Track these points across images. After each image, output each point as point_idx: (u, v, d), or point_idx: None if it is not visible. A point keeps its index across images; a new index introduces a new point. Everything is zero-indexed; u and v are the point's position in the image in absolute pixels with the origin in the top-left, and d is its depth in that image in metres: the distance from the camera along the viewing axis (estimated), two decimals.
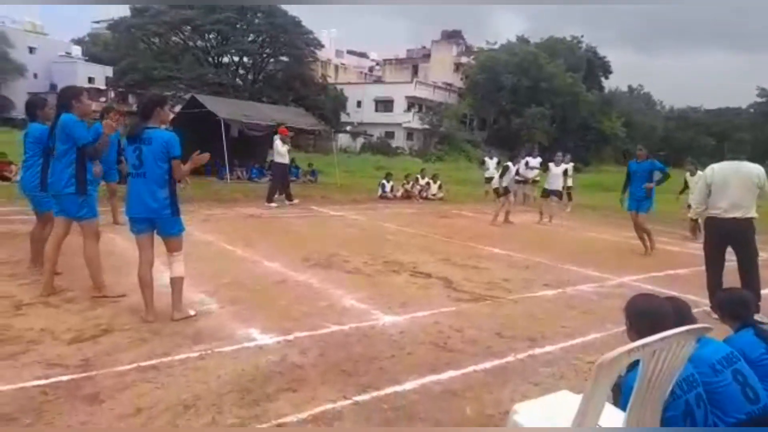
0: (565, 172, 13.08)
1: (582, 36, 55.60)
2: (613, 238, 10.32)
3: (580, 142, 43.67)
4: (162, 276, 4.74)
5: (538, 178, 16.00)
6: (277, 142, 12.37)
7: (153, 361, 3.45)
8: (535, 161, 16.01)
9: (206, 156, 4.32)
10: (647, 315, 2.30)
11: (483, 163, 17.36)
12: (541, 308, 5.22)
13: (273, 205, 12.13)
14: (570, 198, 15.39)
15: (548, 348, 4.13)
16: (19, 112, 47.63)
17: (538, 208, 12.56)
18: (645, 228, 8.61)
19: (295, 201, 12.71)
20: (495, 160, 16.72)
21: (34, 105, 5.58)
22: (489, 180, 16.36)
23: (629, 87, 63.90)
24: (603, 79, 57.15)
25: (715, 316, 3.45)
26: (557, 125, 45.81)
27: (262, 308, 4.67)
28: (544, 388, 3.39)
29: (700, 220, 5.49)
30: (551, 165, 13.14)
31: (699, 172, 11.13)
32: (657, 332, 1.80)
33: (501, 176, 11.64)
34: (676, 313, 2.37)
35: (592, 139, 47.61)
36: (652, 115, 61.50)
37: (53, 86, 50.81)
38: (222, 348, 3.73)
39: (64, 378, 3.16)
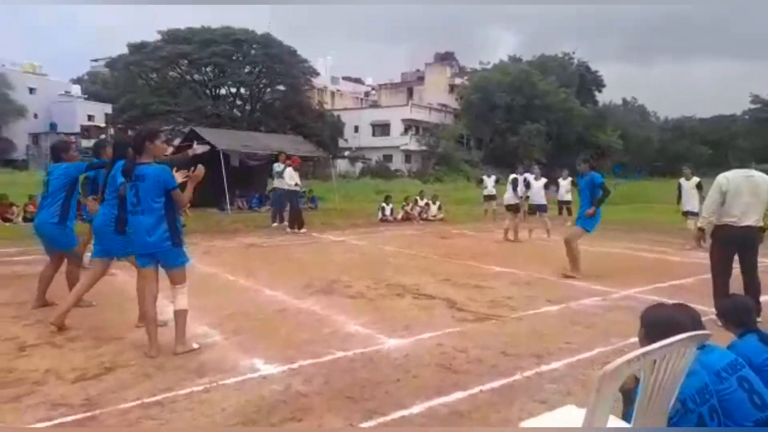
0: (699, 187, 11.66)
1: (573, 52, 56.43)
2: (614, 251, 10.30)
3: (577, 157, 43.90)
4: (166, 311, 4.75)
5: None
6: (290, 171, 12.85)
7: (157, 397, 3.43)
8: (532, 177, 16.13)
9: (202, 171, 4.37)
10: (662, 325, 2.29)
11: (481, 181, 17.30)
12: (546, 325, 5.19)
13: (303, 230, 12.66)
14: (569, 213, 15.50)
15: (554, 365, 4.11)
16: (20, 153, 48.18)
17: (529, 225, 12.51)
18: (572, 246, 7.79)
19: (304, 230, 12.84)
20: (493, 178, 16.73)
21: (59, 149, 5.77)
22: (488, 198, 16.45)
23: (623, 100, 64.49)
24: (596, 93, 57.76)
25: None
26: (553, 141, 46.11)
27: (265, 338, 4.66)
28: (551, 405, 3.35)
29: (706, 229, 5.40)
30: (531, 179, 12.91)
31: (695, 178, 11.23)
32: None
33: (514, 190, 11.70)
34: (691, 322, 2.36)
35: (589, 153, 47.89)
36: (647, 126, 61.90)
37: (53, 126, 51.45)
38: (226, 380, 3.72)
39: (69, 418, 3.14)
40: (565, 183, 15.88)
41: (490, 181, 16.47)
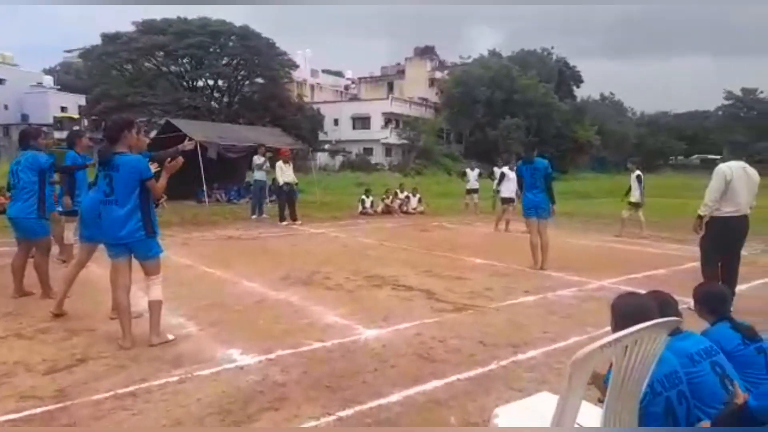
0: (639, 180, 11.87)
1: (552, 47, 56.88)
2: (591, 243, 10.45)
3: (556, 152, 44.36)
4: (139, 302, 4.67)
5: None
6: (280, 165, 12.86)
7: (131, 388, 3.37)
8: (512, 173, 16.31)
9: (179, 161, 4.31)
10: (631, 313, 2.32)
11: (464, 174, 17.31)
12: (523, 315, 5.24)
13: (284, 223, 12.59)
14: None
15: (531, 353, 4.15)
16: None
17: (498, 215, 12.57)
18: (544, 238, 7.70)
19: (299, 222, 12.84)
20: (476, 171, 16.77)
21: (29, 135, 5.63)
22: (470, 192, 16.50)
23: (601, 95, 65.31)
24: (575, 88, 58.38)
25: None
26: (533, 135, 46.51)
27: (242, 329, 4.62)
28: (527, 393, 3.37)
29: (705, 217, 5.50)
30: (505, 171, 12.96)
31: (637, 171, 11.68)
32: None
33: (499, 183, 12.34)
34: (660, 308, 2.40)
35: (567, 147, 48.39)
36: (624, 122, 62.81)
37: (24, 117, 50.15)
38: (202, 371, 3.67)
39: (38, 410, 3.07)
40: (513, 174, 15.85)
41: (473, 175, 16.48)
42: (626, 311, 2.34)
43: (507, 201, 12.22)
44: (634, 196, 11.52)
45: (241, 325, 4.74)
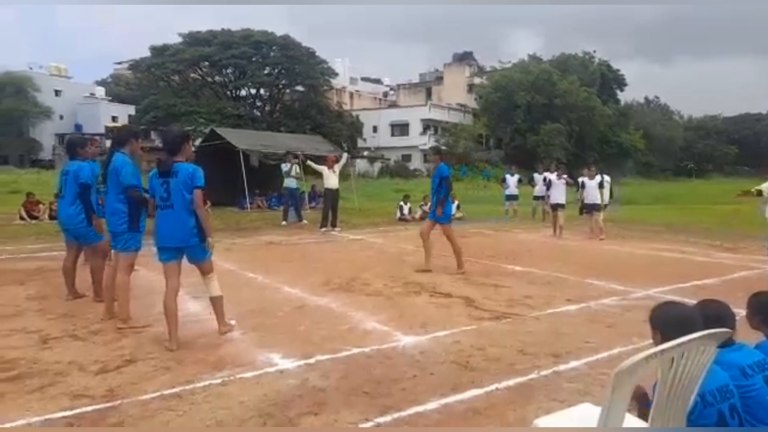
0: (601, 185, 12.23)
1: (594, 51, 55.79)
2: (636, 251, 10.15)
3: (600, 157, 43.36)
4: (186, 306, 4.81)
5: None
6: (326, 170, 13.02)
7: (176, 389, 3.48)
8: (555, 177, 15.97)
9: None
10: (673, 323, 2.25)
11: (503, 181, 16.73)
12: (565, 324, 5.14)
13: (323, 230, 12.66)
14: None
15: (573, 364, 4.06)
16: (46, 153, 49.27)
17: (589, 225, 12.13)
18: (452, 240, 7.91)
19: (338, 229, 12.92)
20: (516, 177, 16.43)
21: (76, 144, 5.79)
22: (509, 198, 16.19)
23: (645, 98, 63.51)
24: (618, 92, 56.98)
25: None
26: (575, 141, 45.59)
27: (283, 333, 4.69)
28: (569, 404, 3.31)
29: None
30: (585, 180, 12.82)
31: (598, 177, 12.04)
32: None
33: (548, 189, 12.58)
34: (705, 318, 2.30)
35: (611, 152, 47.26)
36: (670, 125, 60.86)
37: (78, 127, 52.45)
38: (244, 374, 3.75)
39: (89, 408, 3.20)
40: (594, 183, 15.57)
41: (512, 180, 16.19)
42: (667, 321, 2.26)
43: (558, 207, 12.18)
44: (596, 199, 11.87)
45: (282, 329, 4.82)
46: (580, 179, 12.57)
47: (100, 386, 3.52)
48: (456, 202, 16.95)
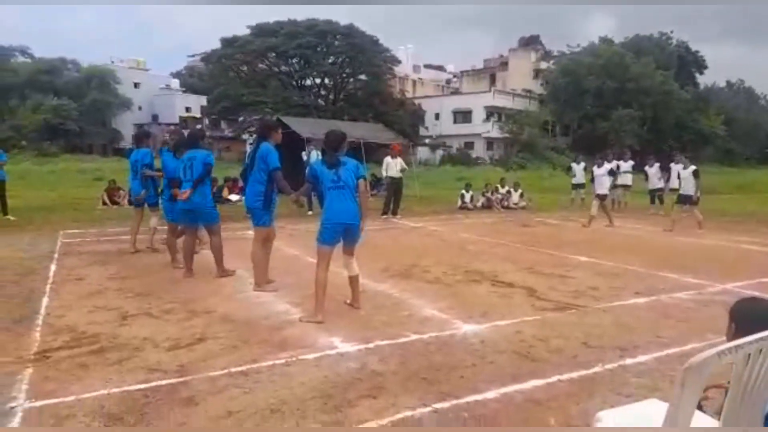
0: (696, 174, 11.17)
1: (672, 32, 52.52)
2: (714, 243, 9.56)
3: (676, 143, 40.97)
4: (249, 289, 4.99)
5: (630, 183, 15.37)
6: (389, 159, 13.19)
7: (243, 368, 3.63)
8: (627, 165, 15.37)
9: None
10: (755, 319, 2.10)
11: (569, 169, 16.36)
12: (633, 317, 4.93)
13: (384, 217, 12.85)
14: (661, 201, 14.72)
15: (641, 358, 3.90)
16: (126, 142, 52.24)
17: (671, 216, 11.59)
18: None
19: (398, 217, 13.02)
20: (582, 165, 15.91)
21: (197, 137, 6.72)
22: (576, 187, 15.70)
23: (727, 82, 59.24)
24: (698, 75, 53.54)
25: None
26: (648, 127, 43.31)
27: (343, 318, 4.78)
28: (635, 400, 3.19)
29: None
30: (678, 168, 12.20)
31: (607, 164, 12.06)
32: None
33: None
34: None
35: (689, 139, 44.58)
36: (755, 111, 56.53)
37: (155, 117, 55.34)
38: (306, 355, 3.86)
39: (163, 382, 3.40)
40: (653, 170, 15.02)
41: (578, 169, 15.70)
42: (748, 317, 2.11)
43: (600, 197, 11.81)
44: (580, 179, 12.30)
45: (342, 313, 4.91)
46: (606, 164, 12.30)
47: (172, 362, 3.73)
48: (519, 191, 16.63)
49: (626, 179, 15.30)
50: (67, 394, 3.21)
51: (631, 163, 15.69)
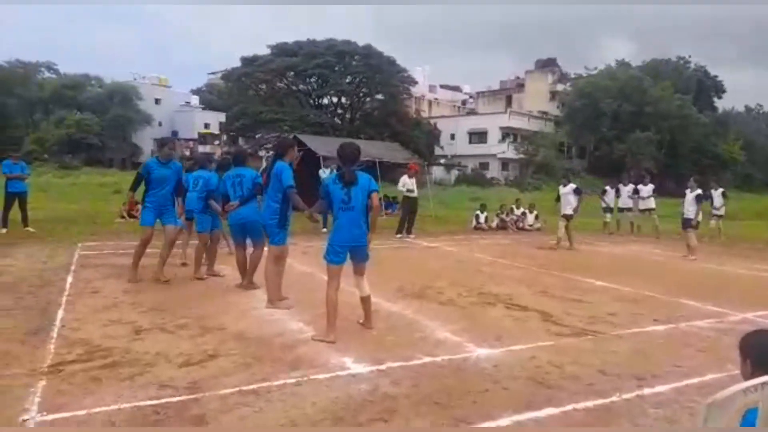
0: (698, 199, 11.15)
1: (690, 56, 52.34)
2: (734, 270, 9.38)
3: (694, 168, 40.54)
4: (262, 306, 4.98)
5: (653, 206, 14.96)
6: (405, 178, 13.18)
7: (254, 386, 3.61)
8: (648, 188, 15.03)
9: None
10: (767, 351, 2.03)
11: (604, 192, 15.55)
12: (651, 345, 4.83)
13: (399, 236, 12.78)
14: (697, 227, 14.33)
15: (659, 388, 3.80)
16: (146, 157, 53.06)
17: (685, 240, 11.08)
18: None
19: (413, 236, 12.97)
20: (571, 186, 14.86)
21: (245, 156, 7.16)
22: (606, 211, 15.31)
23: (746, 107, 58.69)
24: (716, 99, 53.14)
25: None
26: (666, 150, 42.97)
27: (355, 338, 4.75)
28: (647, 429, 3.12)
29: None
30: (717, 193, 12.42)
31: (572, 184, 11.85)
32: None
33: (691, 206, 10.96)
34: None
35: (707, 164, 44.05)
36: None
37: (174, 133, 56.18)
38: (317, 375, 3.83)
39: (174, 399, 3.38)
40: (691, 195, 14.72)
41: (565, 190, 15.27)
42: (759, 351, 2.03)
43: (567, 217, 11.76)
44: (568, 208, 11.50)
45: (354, 333, 4.88)
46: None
47: (184, 378, 3.72)
48: (534, 212, 16.52)
49: (649, 203, 14.99)
50: (79, 408, 3.21)
51: (651, 186, 15.38)
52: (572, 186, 11.82)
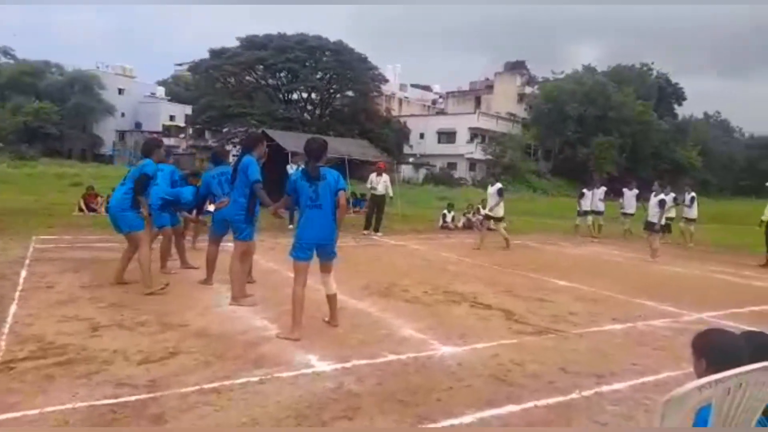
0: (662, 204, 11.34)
1: (653, 63, 53.96)
2: (692, 272, 9.72)
3: (653, 172, 41.84)
4: (225, 302, 4.90)
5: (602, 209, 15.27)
6: (374, 176, 13.08)
7: (215, 384, 3.54)
8: (600, 191, 15.39)
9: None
10: (720, 352, 2.10)
11: (582, 195, 15.34)
12: (610, 344, 4.96)
13: (366, 233, 12.74)
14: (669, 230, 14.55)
15: (616, 386, 3.91)
16: (107, 149, 51.61)
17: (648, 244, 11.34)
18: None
19: (380, 234, 12.92)
20: (497, 187, 12.62)
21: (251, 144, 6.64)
22: (584, 214, 15.10)
23: (705, 114, 60.88)
24: (676, 106, 54.94)
25: None
26: (627, 155, 44.20)
27: (320, 335, 4.72)
28: (610, 428, 3.20)
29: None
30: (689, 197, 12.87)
31: (498, 184, 11.74)
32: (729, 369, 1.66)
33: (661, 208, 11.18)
34: (755, 350, 2.16)
35: (666, 168, 45.51)
36: (731, 143, 58.12)
37: (138, 124, 54.82)
38: (281, 373, 3.79)
39: (132, 398, 3.29)
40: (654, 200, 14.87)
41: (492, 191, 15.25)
42: (720, 352, 2.10)
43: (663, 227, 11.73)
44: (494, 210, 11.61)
45: (319, 331, 4.84)
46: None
47: (142, 376, 3.62)
48: None
49: (598, 206, 15.20)
50: (31, 408, 3.08)
51: (603, 189, 15.72)
52: (497, 186, 11.77)
